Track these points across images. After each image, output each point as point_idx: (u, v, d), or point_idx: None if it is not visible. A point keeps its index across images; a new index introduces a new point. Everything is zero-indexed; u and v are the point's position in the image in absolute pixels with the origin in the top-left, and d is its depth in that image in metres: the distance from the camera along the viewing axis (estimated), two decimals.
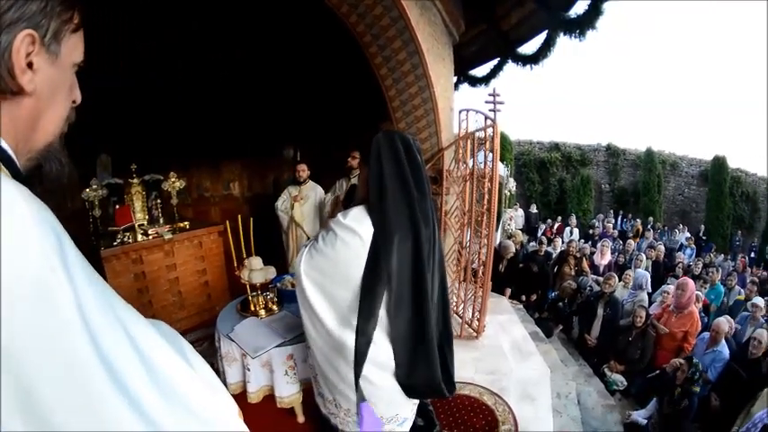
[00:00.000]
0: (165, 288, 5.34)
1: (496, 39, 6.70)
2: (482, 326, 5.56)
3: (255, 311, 3.73)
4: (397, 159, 2.28)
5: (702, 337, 5.93)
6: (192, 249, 5.61)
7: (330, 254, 2.33)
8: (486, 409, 4.18)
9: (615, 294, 6.99)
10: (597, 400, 5.30)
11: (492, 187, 5.13)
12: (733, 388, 5.17)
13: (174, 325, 4.97)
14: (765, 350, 5.39)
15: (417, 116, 5.48)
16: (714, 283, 8.59)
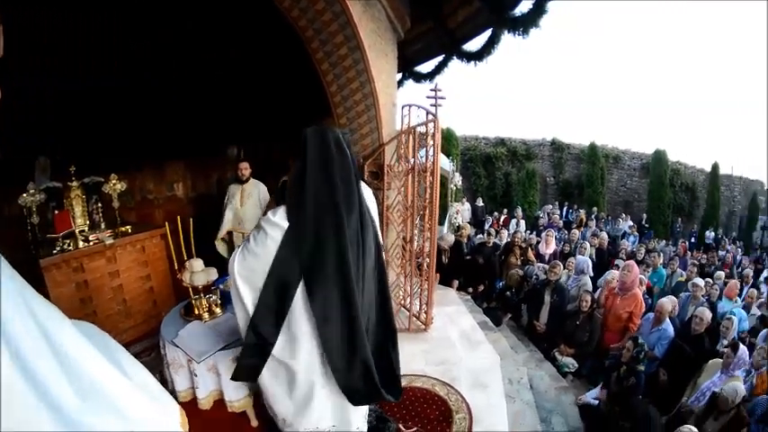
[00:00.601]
0: (109, 297, 5.10)
1: (442, 36, 6.76)
2: (430, 318, 5.60)
3: (199, 315, 3.65)
4: (324, 155, 2.27)
5: (648, 318, 6.18)
6: (134, 254, 5.39)
7: (261, 253, 2.31)
8: (438, 400, 4.20)
9: (561, 281, 7.16)
10: (550, 384, 5.44)
11: (434, 181, 5.16)
12: (679, 363, 5.51)
13: (121, 335, 4.83)
14: (707, 326, 5.74)
15: (359, 112, 5.45)
16: (656, 267, 9.03)
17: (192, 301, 3.72)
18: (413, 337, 5.39)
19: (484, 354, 5.26)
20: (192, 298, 3.71)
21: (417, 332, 5.53)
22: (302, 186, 2.25)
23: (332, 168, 2.27)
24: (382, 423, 3.51)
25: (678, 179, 23.07)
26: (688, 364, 5.50)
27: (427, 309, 5.59)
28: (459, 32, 6.62)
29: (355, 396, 2.44)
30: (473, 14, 6.17)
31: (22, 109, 5.12)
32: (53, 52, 5.74)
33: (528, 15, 5.54)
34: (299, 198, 2.27)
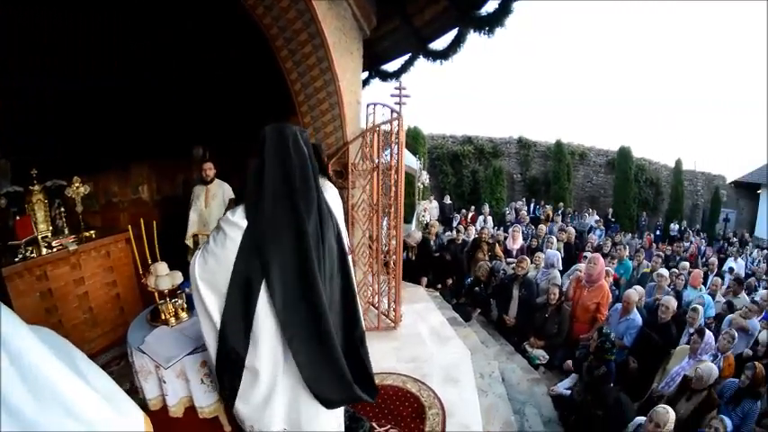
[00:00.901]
0: (74, 305, 4.90)
1: (409, 35, 6.74)
2: (399, 315, 5.64)
3: (166, 320, 3.56)
4: (281, 152, 2.24)
5: (616, 308, 6.35)
6: (99, 260, 5.21)
7: (221, 254, 2.26)
8: (411, 397, 4.21)
9: (529, 275, 7.27)
10: (522, 376, 5.52)
11: (398, 179, 5.17)
12: (648, 350, 5.73)
13: (89, 345, 4.71)
14: (673, 314, 5.97)
15: (323, 110, 5.43)
16: (622, 259, 9.23)
17: (158, 307, 3.63)
18: (383, 335, 5.40)
19: (454, 349, 5.30)
20: (158, 303, 3.62)
21: (387, 330, 5.54)
22: (260, 185, 2.23)
23: (290, 166, 2.24)
24: (355, 423, 3.50)
25: (643, 175, 23.80)
26: (656, 351, 5.70)
27: (396, 306, 5.62)
28: (426, 31, 6.61)
29: (330, 400, 2.40)
30: (440, 13, 6.17)
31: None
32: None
33: (494, 15, 5.57)
34: (257, 196, 2.24)
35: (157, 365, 3.09)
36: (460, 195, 22.48)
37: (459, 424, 3.94)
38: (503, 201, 21.18)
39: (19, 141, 5.36)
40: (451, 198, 20.04)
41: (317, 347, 2.30)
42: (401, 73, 7.70)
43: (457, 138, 24.25)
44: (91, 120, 6.22)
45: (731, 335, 5.40)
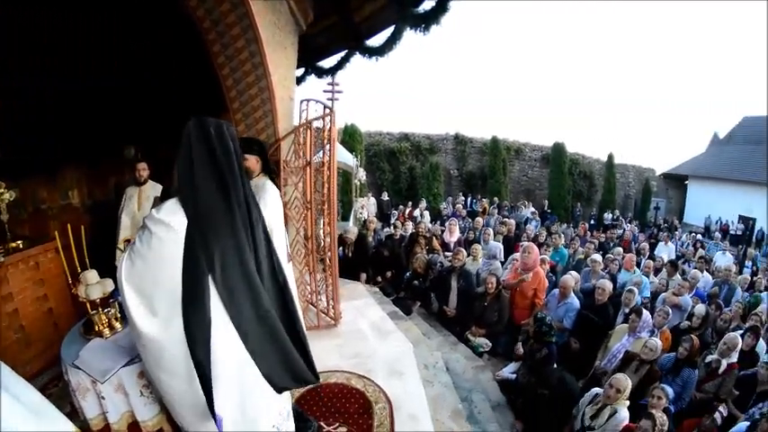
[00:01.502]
0: (4, 324, 4.38)
1: (347, 31, 6.71)
2: (338, 312, 5.59)
3: (100, 331, 3.33)
4: (209, 146, 2.20)
5: (553, 294, 6.63)
6: (28, 273, 4.70)
7: (147, 254, 2.16)
8: (356, 393, 4.19)
9: (466, 267, 7.40)
10: (466, 364, 5.62)
11: (331, 175, 5.11)
12: (587, 331, 6.05)
13: (24, 368, 4.38)
14: (610, 296, 6.32)
15: (254, 106, 5.32)
16: (557, 247, 9.70)
17: (90, 318, 3.40)
18: (324, 333, 5.34)
19: (396, 342, 5.32)
20: (90, 313, 3.39)
21: (328, 328, 5.48)
22: (191, 180, 2.17)
23: (217, 160, 2.20)
24: (302, 422, 3.44)
25: (577, 168, 25.40)
26: (596, 331, 6.00)
27: (335, 304, 5.57)
28: (364, 27, 6.61)
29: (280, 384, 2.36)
30: (379, 10, 6.20)
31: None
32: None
33: (431, 12, 5.65)
34: (189, 192, 2.17)
35: (94, 381, 2.89)
36: (398, 192, 22.60)
37: (407, 416, 3.95)
38: (440, 196, 21.50)
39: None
40: (389, 194, 20.18)
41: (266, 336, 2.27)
42: (337, 69, 7.67)
43: (394, 135, 24.44)
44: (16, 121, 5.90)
45: (665, 311, 5.92)
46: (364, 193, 15.89)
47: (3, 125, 5.03)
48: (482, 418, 4.63)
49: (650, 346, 4.96)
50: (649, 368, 4.95)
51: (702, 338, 5.77)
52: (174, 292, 2.13)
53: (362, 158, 18.99)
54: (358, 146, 19.42)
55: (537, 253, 6.89)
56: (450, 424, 4.15)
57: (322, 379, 4.14)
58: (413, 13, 5.78)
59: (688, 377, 5.09)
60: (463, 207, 16.88)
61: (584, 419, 4.35)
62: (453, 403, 4.44)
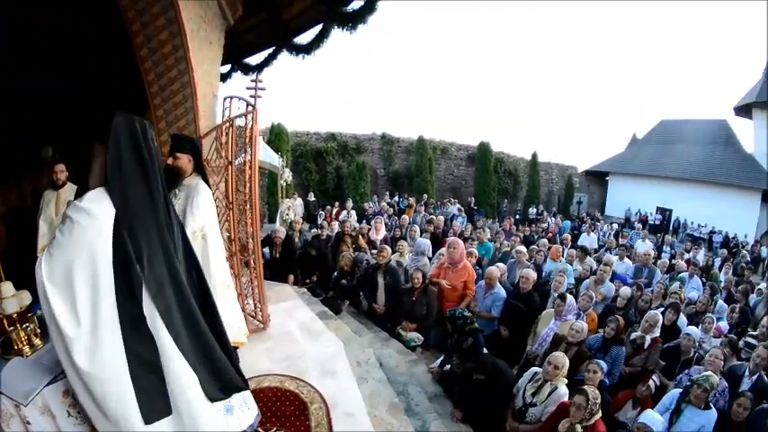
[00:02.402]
0: None
1: (275, 28, 6.61)
2: (266, 315, 5.47)
3: (19, 350, 3.00)
4: (136, 143, 2.19)
5: (480, 285, 6.82)
6: None
7: (69, 244, 2.06)
8: (291, 395, 4.13)
9: (392, 263, 7.50)
10: (399, 359, 5.67)
11: (252, 175, 4.99)
12: (516, 319, 6.29)
13: None
14: (534, 284, 6.68)
15: (176, 102, 5.09)
16: (483, 241, 10.12)
17: (8, 336, 3.05)
18: (253, 337, 5.12)
19: (326, 342, 5.29)
20: (8, 331, 3.04)
21: (257, 332, 5.32)
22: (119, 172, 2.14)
23: (143, 159, 2.20)
24: None
25: (502, 166, 26.93)
26: (524, 318, 6.28)
27: (262, 306, 5.45)
28: (293, 24, 6.55)
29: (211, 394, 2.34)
30: (308, 7, 6.16)
31: None
32: None
33: (358, 12, 5.71)
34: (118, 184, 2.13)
35: (17, 404, 2.59)
36: (325, 192, 22.58)
37: (343, 413, 3.95)
38: (367, 195, 21.54)
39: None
40: (316, 195, 20.02)
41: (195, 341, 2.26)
42: (264, 66, 7.55)
43: (321, 134, 24.41)
44: None
45: (589, 296, 6.31)
46: (291, 194, 15.72)
47: None
48: (420, 410, 4.69)
49: (576, 328, 5.31)
50: (578, 349, 5.26)
51: (627, 318, 6.26)
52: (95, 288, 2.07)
53: (289, 159, 18.83)
54: (284, 146, 19.21)
55: (463, 247, 7.05)
56: (389, 418, 4.19)
57: (255, 384, 4.08)
58: (341, 12, 5.81)
59: (616, 354, 5.56)
60: (389, 206, 17.01)
61: (526, 397, 4.55)
62: (389, 397, 4.49)
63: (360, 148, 24.63)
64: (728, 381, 5.09)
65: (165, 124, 5.19)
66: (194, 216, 3.48)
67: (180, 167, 3.53)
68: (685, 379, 4.83)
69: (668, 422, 4.35)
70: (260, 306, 5.43)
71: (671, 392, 4.68)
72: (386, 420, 4.14)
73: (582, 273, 8.52)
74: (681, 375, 5.25)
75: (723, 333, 6.55)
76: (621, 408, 5.11)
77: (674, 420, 4.35)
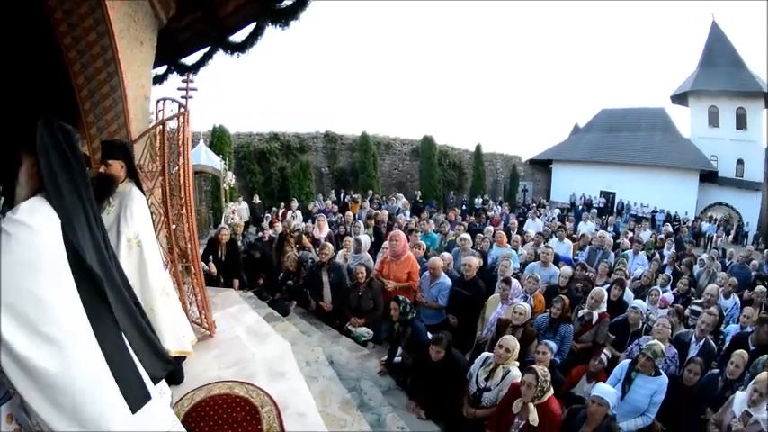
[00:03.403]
0: None
1: (210, 26, 6.47)
2: (211, 322, 5.31)
3: None
4: (62, 150, 2.13)
5: (425, 276, 6.86)
6: None
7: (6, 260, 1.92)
8: (241, 401, 4.07)
9: (336, 260, 7.58)
10: (350, 355, 5.74)
11: (187, 179, 4.82)
12: (463, 306, 6.42)
13: None
14: (478, 270, 6.78)
15: (106, 107, 4.82)
16: (427, 232, 10.27)
17: None
18: (200, 345, 4.97)
19: (274, 344, 5.23)
20: None
21: (204, 339, 5.16)
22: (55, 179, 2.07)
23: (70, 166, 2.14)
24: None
25: (446, 159, 27.62)
26: (470, 305, 6.43)
27: (206, 312, 5.28)
28: (228, 23, 6.41)
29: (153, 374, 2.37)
30: (242, 5, 6.05)
31: None
32: None
33: (291, 8, 5.65)
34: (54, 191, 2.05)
35: None
36: (270, 194, 22.29)
37: (295, 414, 3.92)
38: (312, 195, 21.45)
39: None
40: (261, 197, 19.60)
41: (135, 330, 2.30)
42: (199, 66, 7.37)
43: (264, 135, 24.15)
44: None
45: (534, 278, 6.51)
46: (235, 198, 15.46)
47: None
48: (374, 404, 4.73)
49: (518, 310, 5.49)
50: (524, 330, 5.45)
51: (572, 296, 6.56)
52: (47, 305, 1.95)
53: (232, 161, 18.53)
54: (227, 148, 18.89)
55: (404, 239, 7.12)
56: (342, 415, 4.20)
57: (204, 393, 4.03)
58: (274, 9, 5.74)
59: (565, 332, 5.73)
60: (334, 204, 17.05)
61: (479, 382, 4.64)
62: (341, 394, 4.51)
63: (303, 148, 24.50)
64: (677, 348, 5.44)
65: (95, 130, 4.92)
66: (128, 224, 3.41)
67: (113, 175, 3.44)
68: (635, 350, 5.02)
69: (621, 391, 4.51)
70: (204, 312, 5.27)
71: (621, 363, 4.87)
72: (339, 417, 4.15)
73: (527, 257, 8.81)
74: (631, 346, 5.52)
75: (669, 304, 6.92)
76: (577, 383, 5.24)
77: (627, 389, 4.53)
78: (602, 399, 3.89)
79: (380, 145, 26.18)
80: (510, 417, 4.06)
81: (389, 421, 4.47)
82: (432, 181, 25.38)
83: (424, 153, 25.74)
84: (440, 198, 25.26)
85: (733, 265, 11.01)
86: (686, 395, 4.65)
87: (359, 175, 24.06)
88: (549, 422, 3.89)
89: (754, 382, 4.10)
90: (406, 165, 27.79)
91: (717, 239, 22.41)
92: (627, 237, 13.09)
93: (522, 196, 30.51)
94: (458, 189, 28.31)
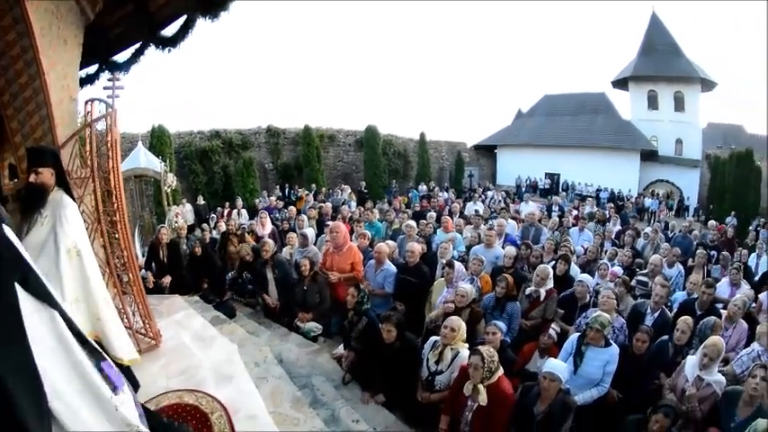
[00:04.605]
0: None
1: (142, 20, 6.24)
2: (155, 331, 5.14)
3: None
4: None
5: (370, 264, 6.91)
6: None
7: None
8: (191, 409, 3.99)
9: (279, 256, 7.49)
10: (299, 352, 5.69)
11: (117, 184, 4.66)
12: (409, 292, 6.45)
13: None
14: (422, 256, 7.08)
15: (29, 111, 4.50)
16: (372, 222, 10.36)
17: None
18: (148, 356, 4.81)
19: (220, 347, 5.16)
20: None
21: (150, 350, 4.99)
22: None
23: None
24: None
25: (391, 148, 27.92)
26: (416, 291, 6.51)
27: (149, 321, 5.09)
28: (160, 16, 6.19)
29: None
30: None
31: None
32: None
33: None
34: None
35: None
36: (214, 194, 21.80)
37: (246, 417, 3.88)
38: (256, 192, 21.15)
39: None
40: (205, 198, 19.12)
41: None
42: (131, 64, 7.10)
43: (205, 133, 23.63)
44: None
45: (479, 259, 6.57)
46: (178, 201, 15.07)
47: None
48: (327, 399, 4.72)
49: (461, 293, 5.49)
50: (470, 311, 5.52)
51: (518, 275, 6.63)
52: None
53: (173, 162, 18.09)
54: (167, 149, 18.44)
55: (345, 230, 7.07)
56: (294, 413, 4.17)
57: (154, 405, 3.88)
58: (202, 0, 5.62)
59: (512, 310, 5.82)
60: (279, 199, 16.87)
61: (430, 366, 4.67)
62: (292, 393, 4.48)
63: (246, 144, 24.13)
64: (633, 319, 5.69)
65: (20, 137, 4.56)
66: (66, 233, 3.26)
67: (43, 183, 3.29)
68: (584, 323, 5.12)
69: (573, 365, 4.63)
70: (148, 321, 5.08)
71: (570, 337, 5.00)
72: (291, 416, 4.12)
73: (471, 240, 8.94)
74: (579, 320, 5.67)
75: (618, 276, 7.05)
76: (530, 359, 5.31)
77: (579, 362, 4.64)
78: (553, 374, 3.95)
79: (324, 137, 26.17)
80: (463, 399, 4.11)
81: (344, 415, 4.47)
82: (377, 171, 25.60)
83: (368, 143, 25.92)
84: (385, 187, 25.38)
85: (676, 236, 11.77)
86: (638, 363, 4.82)
87: (303, 169, 23.92)
88: (500, 402, 3.95)
89: (704, 346, 4.28)
90: (351, 156, 27.95)
91: (660, 214, 23.97)
92: (572, 215, 13.59)
93: (468, 181, 31.26)
94: (403, 177, 28.58)
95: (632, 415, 4.16)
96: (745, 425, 3.59)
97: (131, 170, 11.32)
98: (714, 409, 4.10)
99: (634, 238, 10.03)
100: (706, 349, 4.21)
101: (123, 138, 18.57)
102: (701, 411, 4.11)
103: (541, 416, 4.01)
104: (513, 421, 4.13)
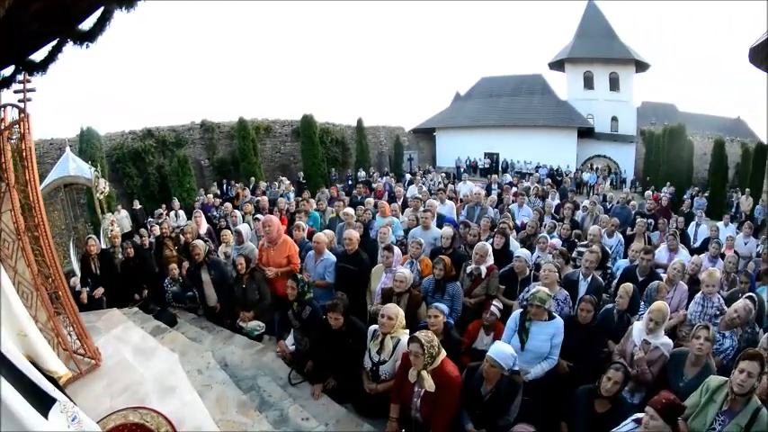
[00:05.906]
0: None
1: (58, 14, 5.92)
2: (93, 349, 4.90)
3: None
4: None
5: (310, 255, 6.81)
6: None
7: None
8: (137, 427, 3.92)
9: (213, 256, 7.33)
10: (243, 353, 5.62)
11: (36, 195, 4.40)
12: (349, 281, 6.40)
13: None
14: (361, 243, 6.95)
15: None
16: (308, 212, 10.11)
17: None
18: (90, 377, 4.65)
19: (161, 358, 5.05)
20: None
21: (91, 371, 4.75)
22: None
23: None
24: None
25: (328, 136, 27.76)
26: (356, 278, 6.45)
27: (85, 340, 4.82)
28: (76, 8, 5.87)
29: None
30: None
31: None
32: None
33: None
34: None
35: None
36: (151, 196, 20.80)
37: (192, 428, 3.83)
38: (194, 191, 20.23)
39: None
40: (141, 202, 18.31)
41: None
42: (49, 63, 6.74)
43: (137, 133, 22.52)
44: None
45: (418, 242, 6.54)
46: (113, 207, 14.49)
47: None
48: (274, 400, 4.66)
49: (398, 278, 5.41)
50: (409, 295, 5.47)
51: (457, 254, 6.66)
52: None
53: (105, 167, 17.30)
54: (98, 153, 17.60)
55: (277, 224, 6.88)
56: (241, 419, 4.14)
57: (101, 428, 3.68)
58: None
59: (453, 291, 5.79)
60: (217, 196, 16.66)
61: (372, 356, 4.61)
62: (237, 397, 4.43)
63: (180, 141, 23.32)
64: (567, 288, 5.76)
65: None
66: None
67: None
68: (525, 296, 5.20)
69: (520, 341, 4.66)
70: (83, 340, 4.81)
71: (513, 314, 4.99)
72: (238, 422, 4.08)
73: (408, 223, 8.86)
74: (521, 294, 5.74)
75: (556, 248, 7.28)
76: (477, 338, 5.31)
77: (525, 338, 4.67)
78: (494, 360, 3.93)
79: (260, 129, 25.75)
80: (409, 386, 4.08)
81: (293, 414, 4.43)
82: (315, 160, 25.31)
83: (304, 132, 25.52)
84: (324, 176, 25.20)
85: (614, 206, 12.19)
86: (585, 332, 4.93)
87: (240, 164, 23.45)
88: (446, 386, 3.92)
89: (649, 311, 4.43)
90: (288, 146, 27.65)
91: (598, 187, 25.15)
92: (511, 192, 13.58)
93: (408, 165, 31.67)
94: (342, 165, 28.49)
95: (584, 385, 4.19)
96: (695, 383, 3.73)
97: (60, 179, 10.71)
98: (664, 371, 4.28)
99: (573, 211, 10.17)
100: (651, 314, 4.36)
101: (51, 144, 18.12)
102: (651, 374, 4.28)
103: (489, 395, 4.05)
104: (462, 402, 4.14)
